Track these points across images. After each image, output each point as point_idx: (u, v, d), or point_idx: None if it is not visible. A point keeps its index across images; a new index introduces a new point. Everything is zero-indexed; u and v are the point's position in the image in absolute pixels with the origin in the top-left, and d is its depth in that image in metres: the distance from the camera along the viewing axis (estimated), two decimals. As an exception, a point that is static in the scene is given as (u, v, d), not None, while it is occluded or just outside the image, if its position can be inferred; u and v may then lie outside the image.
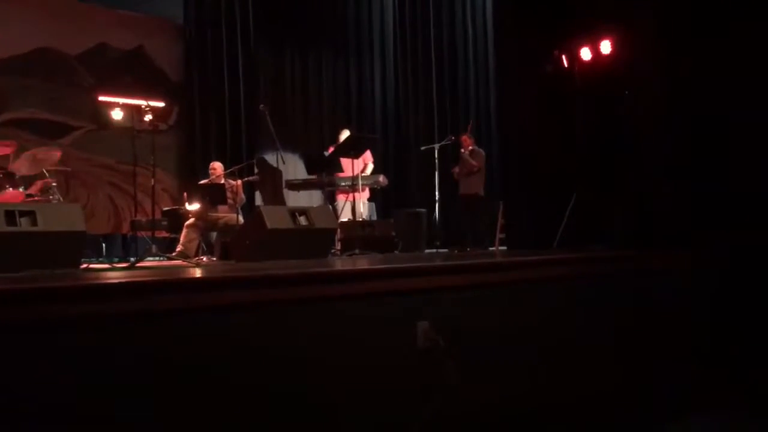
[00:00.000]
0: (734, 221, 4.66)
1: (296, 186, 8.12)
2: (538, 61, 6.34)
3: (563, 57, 6.26)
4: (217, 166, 8.04)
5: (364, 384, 2.51)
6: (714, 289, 4.04)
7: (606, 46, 5.98)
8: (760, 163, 4.74)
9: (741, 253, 4.24)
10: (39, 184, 7.02)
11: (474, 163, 8.31)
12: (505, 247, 7.68)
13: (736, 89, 4.78)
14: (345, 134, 8.29)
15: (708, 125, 4.92)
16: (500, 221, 8.34)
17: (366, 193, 8.46)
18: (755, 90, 4.73)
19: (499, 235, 8.51)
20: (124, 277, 2.48)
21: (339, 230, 7.02)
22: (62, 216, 4.55)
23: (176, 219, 7.97)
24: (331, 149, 8.24)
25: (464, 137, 8.57)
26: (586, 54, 6.14)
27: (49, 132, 9.03)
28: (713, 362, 3.88)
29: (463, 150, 8.45)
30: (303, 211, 5.63)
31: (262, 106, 7.80)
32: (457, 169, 8.52)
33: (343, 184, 7.88)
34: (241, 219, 7.28)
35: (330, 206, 7.52)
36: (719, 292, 4.05)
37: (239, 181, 7.84)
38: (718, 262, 4.18)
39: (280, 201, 8.47)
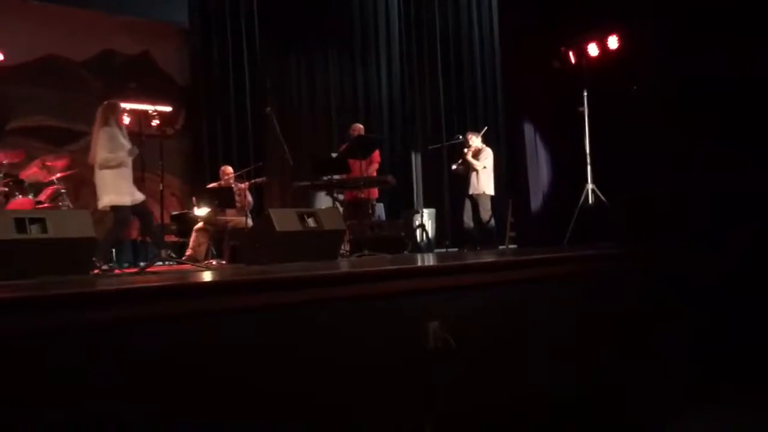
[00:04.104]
0: (742, 219, 4.62)
1: (304, 188, 8.10)
2: (545, 58, 6.32)
3: (570, 53, 6.24)
4: (229, 170, 8.07)
5: (376, 384, 2.50)
6: (715, 287, 4.00)
7: (613, 42, 5.95)
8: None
9: (744, 251, 4.20)
10: (48, 191, 7.04)
11: (475, 163, 8.21)
12: (515, 246, 7.66)
13: (748, 85, 4.73)
14: (359, 128, 8.28)
15: (717, 121, 4.88)
16: (509, 219, 8.31)
17: (375, 194, 8.43)
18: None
19: (509, 234, 8.48)
20: (135, 282, 2.47)
21: (348, 231, 7.01)
22: (72, 222, 4.56)
23: (185, 223, 7.99)
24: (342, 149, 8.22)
25: (469, 135, 8.47)
26: (593, 50, 6.11)
27: (58, 139, 9.08)
28: (716, 360, 3.84)
29: (465, 150, 8.37)
30: (311, 213, 5.62)
31: (268, 108, 7.80)
32: (455, 166, 8.40)
33: (352, 184, 7.85)
34: (249, 222, 7.28)
35: (339, 208, 7.50)
36: (721, 290, 4.01)
37: (246, 184, 7.85)
38: (721, 260, 4.14)
39: (288, 203, 8.47)
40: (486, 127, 8.55)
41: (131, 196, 5.97)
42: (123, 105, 8.14)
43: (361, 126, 8.54)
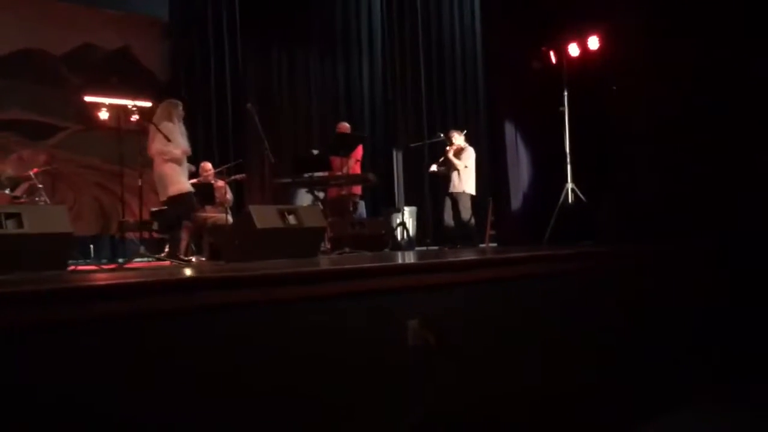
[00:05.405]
0: (722, 217, 4.67)
1: (284, 185, 8.07)
2: (526, 58, 6.35)
3: (551, 53, 6.27)
4: (209, 167, 8.02)
5: (354, 382, 2.49)
6: (699, 286, 4.03)
7: (594, 42, 5.99)
8: (750, 158, 4.74)
9: (728, 248, 4.25)
10: (25, 185, 6.97)
11: (456, 162, 8.21)
12: (495, 244, 7.69)
13: (726, 83, 4.78)
14: (344, 127, 8.27)
15: (697, 121, 4.92)
16: (490, 218, 8.34)
17: (358, 190, 8.42)
18: (744, 86, 4.72)
19: (489, 232, 8.52)
20: (111, 279, 2.45)
21: (329, 229, 7.00)
22: (48, 218, 4.52)
23: (165, 220, 7.92)
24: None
25: (452, 133, 8.46)
26: (573, 50, 6.14)
27: (35, 133, 8.96)
28: (698, 360, 3.88)
29: (447, 148, 8.37)
30: (292, 211, 5.60)
31: (249, 105, 7.76)
32: (435, 168, 8.39)
33: (333, 182, 7.84)
34: (230, 219, 7.25)
35: (319, 205, 7.48)
36: (704, 289, 4.04)
37: (224, 181, 7.83)
38: (704, 257, 4.18)
39: (269, 200, 8.44)
40: (465, 131, 8.55)
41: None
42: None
43: (348, 125, 8.53)
